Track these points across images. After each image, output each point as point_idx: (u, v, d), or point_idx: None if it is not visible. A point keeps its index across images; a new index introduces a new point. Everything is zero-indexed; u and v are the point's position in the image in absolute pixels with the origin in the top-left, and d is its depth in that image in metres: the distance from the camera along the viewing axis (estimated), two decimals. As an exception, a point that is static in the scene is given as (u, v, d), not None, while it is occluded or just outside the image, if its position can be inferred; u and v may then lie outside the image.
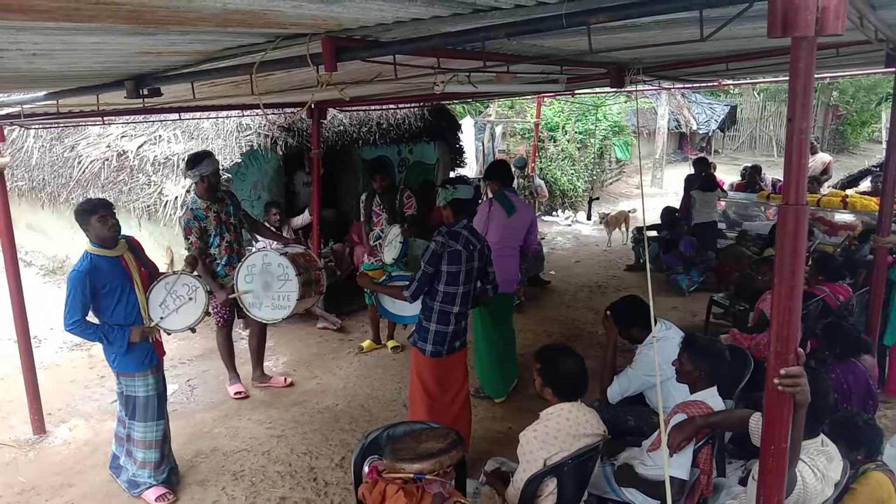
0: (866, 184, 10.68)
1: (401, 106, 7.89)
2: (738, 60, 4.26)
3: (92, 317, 3.65)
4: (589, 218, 12.59)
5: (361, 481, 2.63)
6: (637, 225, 10.08)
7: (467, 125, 12.12)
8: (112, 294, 3.62)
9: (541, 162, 12.83)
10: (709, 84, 9.40)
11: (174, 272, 3.83)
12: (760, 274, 5.41)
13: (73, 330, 3.59)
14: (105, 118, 5.85)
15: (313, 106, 6.15)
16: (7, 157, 4.93)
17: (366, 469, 2.72)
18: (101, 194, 6.81)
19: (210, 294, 4.08)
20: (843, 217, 9.06)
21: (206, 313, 3.84)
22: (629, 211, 10.85)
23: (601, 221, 10.82)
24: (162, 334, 3.88)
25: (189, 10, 1.71)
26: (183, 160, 5.84)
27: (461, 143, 9.97)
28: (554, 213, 13.04)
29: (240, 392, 5.19)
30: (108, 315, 3.66)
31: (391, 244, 5.19)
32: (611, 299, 4.65)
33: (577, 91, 9.56)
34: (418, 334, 3.91)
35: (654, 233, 9.24)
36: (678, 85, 9.73)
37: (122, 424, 3.90)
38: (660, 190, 16.23)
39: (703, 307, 6.54)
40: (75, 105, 4.25)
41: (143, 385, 3.76)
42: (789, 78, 1.60)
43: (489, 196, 5.25)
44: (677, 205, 9.75)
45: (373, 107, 7.60)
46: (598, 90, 10.61)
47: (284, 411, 4.98)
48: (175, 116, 5.97)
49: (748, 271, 6.13)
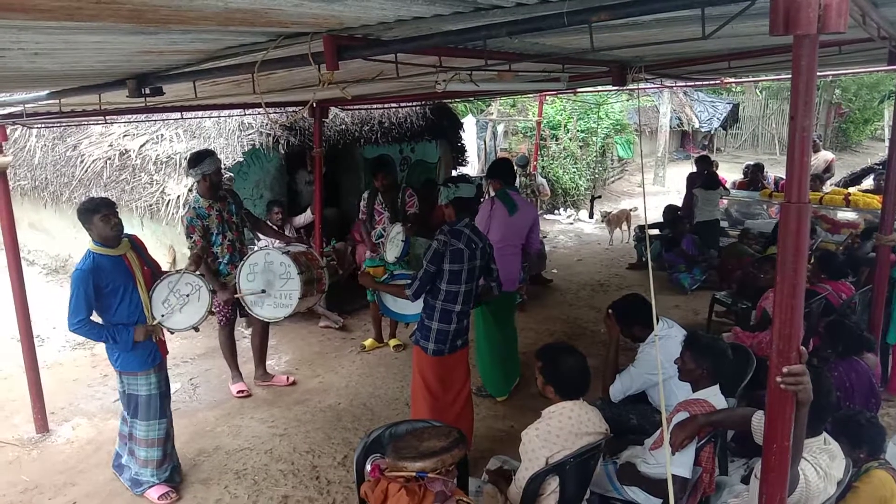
0: (869, 182, 10.67)
1: (402, 104, 7.89)
2: (740, 58, 4.26)
3: (95, 316, 3.64)
4: (591, 216, 12.58)
5: (364, 480, 2.64)
6: (639, 223, 10.06)
7: (469, 124, 12.11)
8: (115, 293, 3.61)
9: (543, 160, 12.81)
10: (711, 82, 9.40)
11: (177, 271, 3.83)
12: (763, 272, 5.41)
13: (78, 330, 3.57)
14: (107, 117, 5.87)
15: (315, 105, 6.15)
16: (10, 157, 4.92)
17: (368, 467, 2.72)
18: (104, 193, 6.82)
19: (213, 293, 4.08)
20: (846, 215, 9.06)
21: (210, 312, 3.83)
22: (630, 209, 10.83)
23: (603, 220, 10.80)
24: (165, 333, 3.88)
25: (191, 10, 1.71)
26: (185, 159, 5.83)
27: (463, 142, 9.97)
28: (556, 212, 13.03)
29: (242, 391, 5.20)
30: (111, 314, 3.65)
31: (393, 243, 5.19)
32: (613, 298, 4.64)
33: (579, 89, 9.55)
34: (420, 333, 3.92)
35: (657, 231, 9.23)
36: (680, 83, 9.74)
37: (126, 423, 3.90)
38: (662, 188, 16.19)
39: (706, 305, 6.54)
40: (77, 104, 4.25)
41: (146, 384, 3.76)
42: (791, 76, 1.60)
43: (491, 194, 5.24)
44: (679, 203, 9.73)
45: (374, 105, 7.60)
46: (600, 88, 10.64)
47: (287, 410, 4.99)
48: (177, 115, 5.97)
49: (750, 269, 6.13)
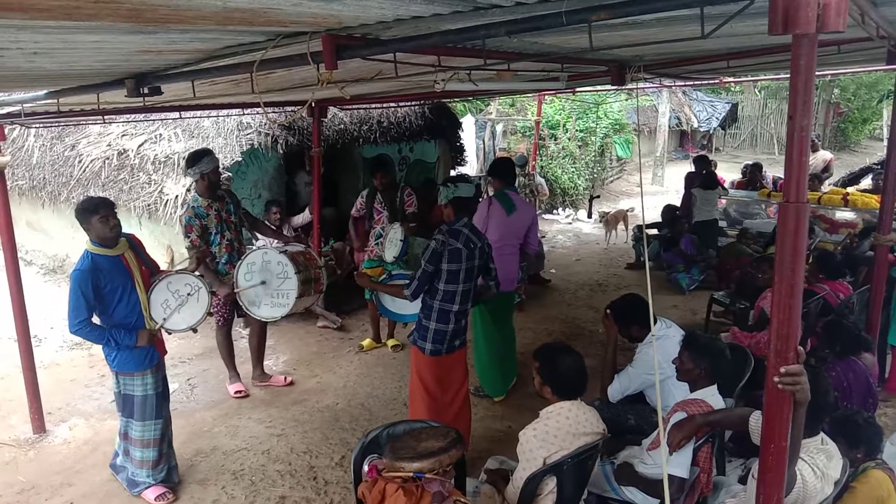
0: (867, 181, 10.67)
1: (401, 104, 7.88)
2: (739, 58, 4.26)
3: (95, 318, 3.62)
4: (590, 216, 12.59)
5: (361, 480, 2.63)
6: (637, 223, 10.07)
7: (468, 123, 12.10)
8: (113, 293, 3.59)
9: (541, 160, 12.82)
10: (710, 82, 9.40)
11: (176, 271, 3.82)
12: (761, 272, 5.41)
13: (79, 331, 3.53)
14: (105, 117, 5.85)
15: (314, 104, 6.15)
16: (8, 156, 4.92)
17: (365, 468, 2.72)
18: (102, 193, 6.81)
19: (212, 293, 4.07)
20: (844, 215, 9.07)
21: (209, 313, 3.82)
22: (627, 210, 10.84)
23: (600, 220, 10.80)
24: (163, 333, 3.87)
25: (189, 9, 1.71)
26: (183, 159, 5.83)
27: (462, 142, 9.95)
28: (554, 212, 13.04)
29: (240, 391, 5.19)
30: (109, 314, 3.63)
31: (392, 242, 5.18)
32: (611, 298, 4.64)
33: (578, 89, 9.56)
34: (418, 333, 3.91)
35: (655, 231, 9.23)
36: (679, 82, 9.73)
37: (122, 423, 3.89)
38: (660, 188, 16.21)
39: (704, 305, 6.54)
40: (76, 104, 4.25)
41: (142, 384, 3.74)
42: (790, 75, 1.60)
43: (489, 194, 5.24)
44: (678, 203, 9.73)
45: (373, 105, 7.59)
46: (599, 88, 10.65)
47: (284, 410, 4.98)
48: (175, 115, 5.97)
49: (749, 269, 6.14)
